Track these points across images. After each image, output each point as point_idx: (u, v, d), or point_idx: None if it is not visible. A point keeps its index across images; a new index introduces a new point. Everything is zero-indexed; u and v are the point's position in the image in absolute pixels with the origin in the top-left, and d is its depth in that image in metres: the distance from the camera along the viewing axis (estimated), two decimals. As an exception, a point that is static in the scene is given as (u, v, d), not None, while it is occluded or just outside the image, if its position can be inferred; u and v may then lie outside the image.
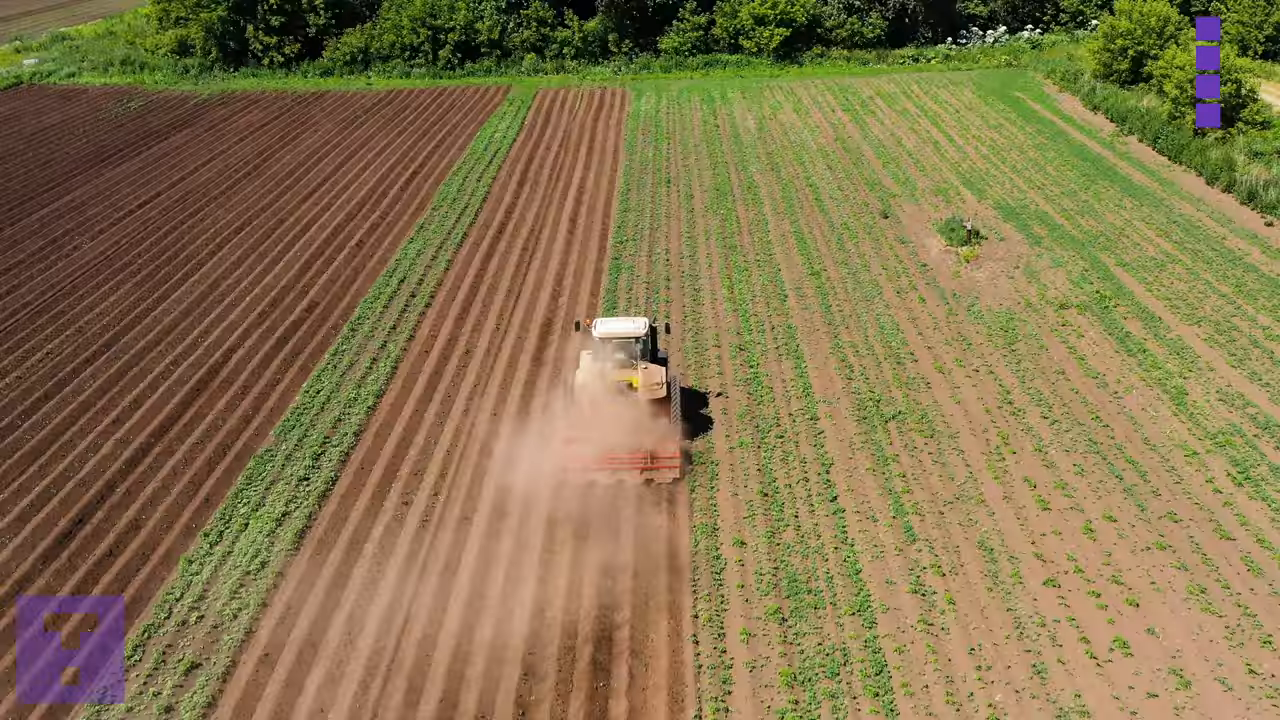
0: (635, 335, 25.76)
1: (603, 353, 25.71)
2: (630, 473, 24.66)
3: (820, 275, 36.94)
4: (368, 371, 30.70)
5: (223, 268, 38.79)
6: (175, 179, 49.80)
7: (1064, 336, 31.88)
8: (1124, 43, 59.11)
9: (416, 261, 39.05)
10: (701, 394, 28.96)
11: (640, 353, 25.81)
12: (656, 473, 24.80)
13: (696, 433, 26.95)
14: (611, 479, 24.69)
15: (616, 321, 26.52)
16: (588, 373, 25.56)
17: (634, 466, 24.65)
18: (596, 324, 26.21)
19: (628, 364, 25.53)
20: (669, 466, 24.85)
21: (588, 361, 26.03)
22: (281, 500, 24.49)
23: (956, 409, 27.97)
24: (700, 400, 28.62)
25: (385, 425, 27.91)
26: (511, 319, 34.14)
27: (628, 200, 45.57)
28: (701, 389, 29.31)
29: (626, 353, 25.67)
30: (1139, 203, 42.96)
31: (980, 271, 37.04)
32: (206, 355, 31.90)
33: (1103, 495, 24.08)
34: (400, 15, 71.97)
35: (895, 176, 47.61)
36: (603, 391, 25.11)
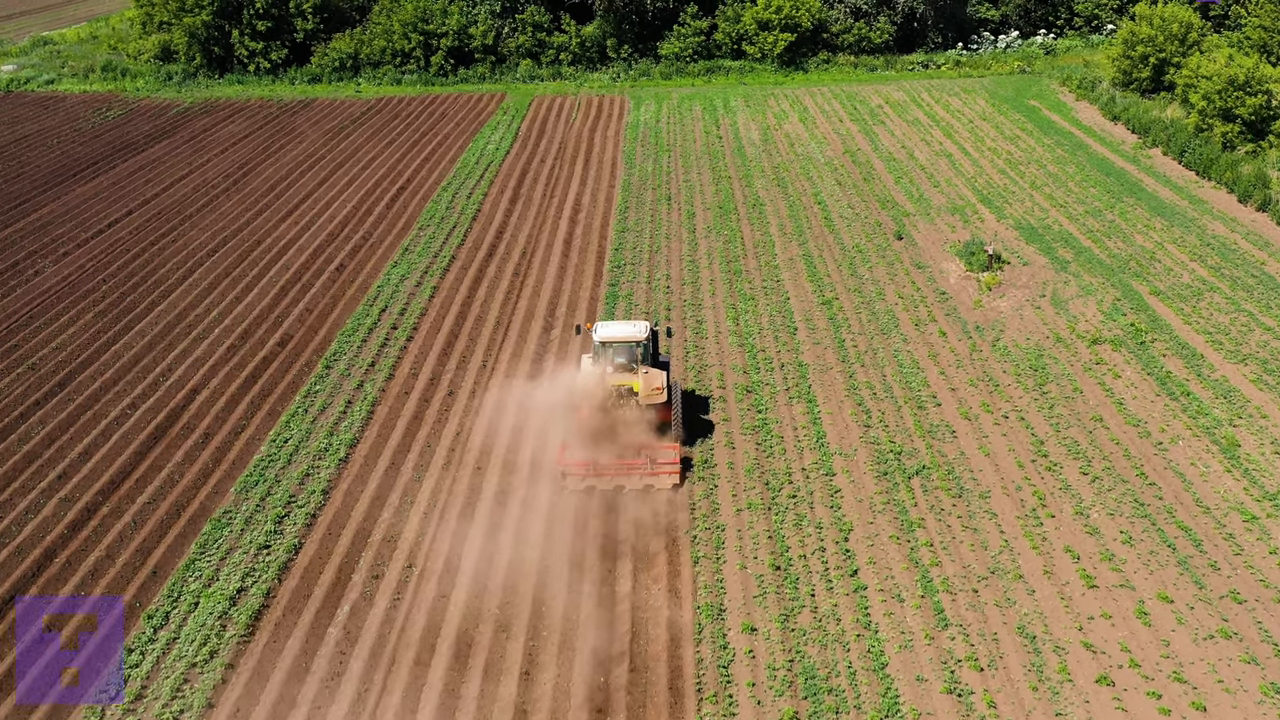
0: (636, 339, 25.41)
1: (603, 357, 25.34)
2: (629, 479, 24.20)
3: (832, 304, 34.40)
4: (341, 416, 28.16)
5: (192, 295, 36.23)
6: (150, 195, 47.23)
7: (1099, 376, 29.34)
8: (1145, 50, 56.55)
9: (399, 288, 36.50)
10: (704, 398, 27.79)
11: (641, 357, 25.42)
12: (656, 479, 24.32)
13: (707, 487, 24.45)
14: (610, 485, 24.15)
15: (617, 325, 26.05)
16: (588, 377, 25.21)
17: (633, 473, 24.19)
18: (597, 328, 25.81)
19: (628, 368, 25.21)
20: (669, 473, 24.37)
21: (587, 365, 25.70)
22: (238, 573, 21.94)
23: (986, 462, 25.43)
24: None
25: (358, 481, 25.36)
26: (499, 355, 31.59)
27: (626, 219, 43.03)
28: (707, 437, 26.78)
29: (627, 357, 25.33)
30: (1169, 223, 40.40)
31: (1004, 300, 34.49)
32: (168, 396, 29.34)
33: (1154, 569, 21.54)
34: (391, 20, 69.37)
35: (908, 193, 45.06)
36: (603, 396, 24.80)
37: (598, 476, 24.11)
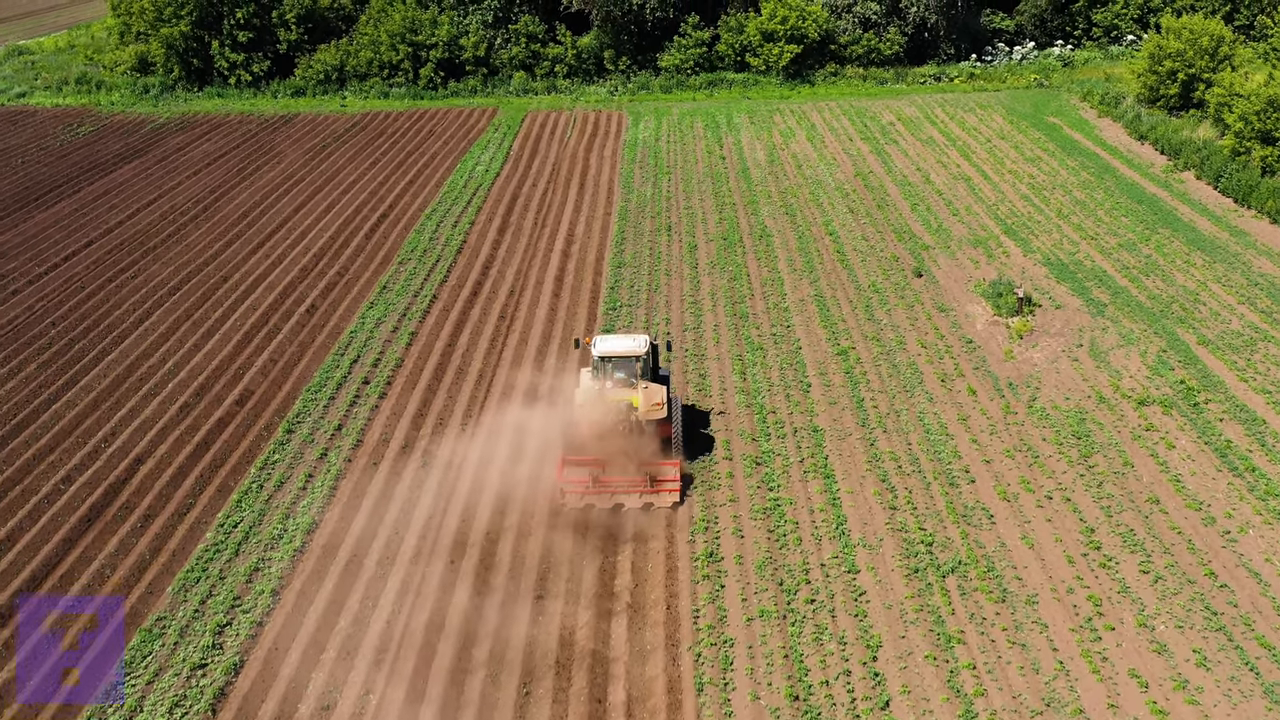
0: (636, 354, 24.92)
1: (602, 372, 24.88)
2: (629, 497, 23.86)
3: (848, 355, 31.27)
4: (300, 494, 25.01)
5: (147, 342, 33.08)
6: (113, 223, 44.08)
7: (1150, 446, 26.20)
8: (1173, 65, 53.35)
9: (374, 334, 33.36)
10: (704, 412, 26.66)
11: (641, 371, 24.93)
12: (657, 497, 23.95)
13: (713, 587, 21.31)
14: (609, 503, 23.81)
15: (616, 339, 25.50)
16: (587, 392, 24.78)
17: (633, 491, 23.83)
18: (596, 341, 25.31)
19: (628, 383, 24.75)
20: (670, 491, 23.98)
21: (587, 380, 25.23)
22: (164, 703, 18.78)
23: (1030, 556, 22.28)
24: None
25: (312, 580, 22.19)
26: (481, 417, 28.43)
27: (622, 252, 39.89)
28: (713, 519, 23.68)
29: (627, 372, 24.85)
30: (1210, 258, 37.25)
31: (1037, 350, 31.35)
32: (108, 468, 26.18)
33: (1238, 702, 18.41)
34: (378, 30, 66.24)
35: (926, 222, 41.92)
36: (602, 412, 24.34)
37: (597, 494, 23.76)
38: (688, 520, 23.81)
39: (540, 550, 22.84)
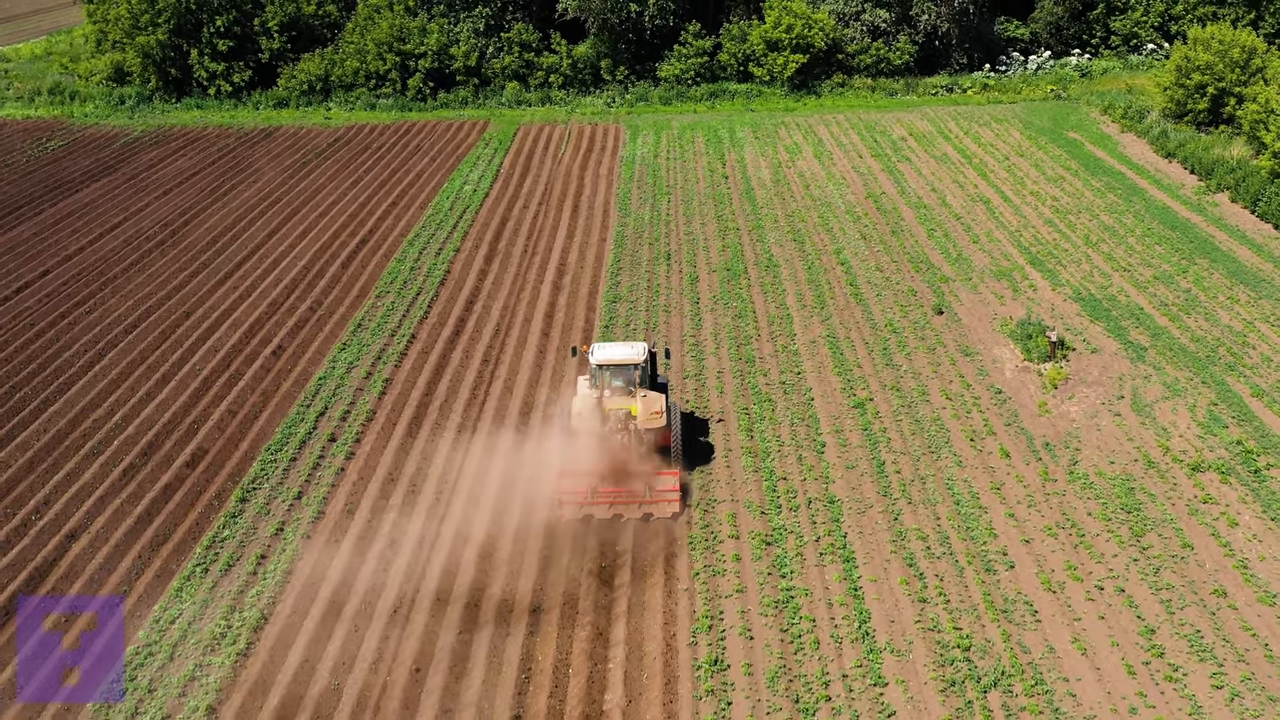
0: (634, 362, 24.58)
1: (600, 380, 24.55)
2: (628, 507, 23.50)
3: (865, 408, 28.33)
4: (249, 581, 22.05)
5: (95, 390, 30.12)
6: (73, 250, 41.10)
7: (1209, 521, 23.26)
8: (1201, 78, 50.40)
9: (345, 381, 30.42)
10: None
11: (639, 380, 24.61)
12: (656, 507, 23.60)
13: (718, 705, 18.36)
14: (608, 514, 23.43)
15: (614, 347, 25.11)
16: (584, 401, 24.35)
17: (632, 501, 23.48)
18: (594, 349, 25.02)
19: (626, 391, 24.45)
20: (669, 500, 23.59)
21: (584, 389, 24.94)
22: None
23: (1084, 666, 19.33)
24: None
25: (260, 685, 19.27)
26: (458, 483, 25.46)
27: (618, 284, 36.94)
28: (718, 615, 20.74)
29: (625, 380, 24.54)
30: (1255, 293, 34.34)
31: (1074, 404, 28.41)
32: (34, 547, 23.20)
33: None
34: (365, 39, 63.24)
35: (944, 251, 38.98)
36: (600, 421, 23.93)
37: (595, 504, 23.35)
38: (689, 615, 20.86)
39: (520, 654, 19.90)
